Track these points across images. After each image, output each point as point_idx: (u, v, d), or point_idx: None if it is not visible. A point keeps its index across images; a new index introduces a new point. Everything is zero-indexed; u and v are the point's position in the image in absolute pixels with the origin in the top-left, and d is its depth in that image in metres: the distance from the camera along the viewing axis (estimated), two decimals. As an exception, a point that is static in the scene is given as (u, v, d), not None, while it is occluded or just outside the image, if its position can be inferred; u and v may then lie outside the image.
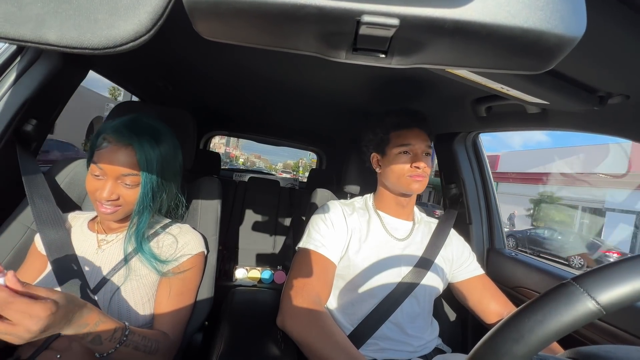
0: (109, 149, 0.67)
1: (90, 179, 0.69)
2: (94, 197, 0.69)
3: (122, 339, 0.58)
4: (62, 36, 0.28)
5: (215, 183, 0.98)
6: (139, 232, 0.73)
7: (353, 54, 0.31)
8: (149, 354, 0.63)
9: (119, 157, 0.67)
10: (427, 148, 0.89)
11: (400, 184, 0.88)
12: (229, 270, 1.84)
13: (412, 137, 0.88)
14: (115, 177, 0.68)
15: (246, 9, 0.25)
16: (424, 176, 0.86)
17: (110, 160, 0.67)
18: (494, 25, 0.25)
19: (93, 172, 0.68)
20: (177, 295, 0.74)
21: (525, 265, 1.06)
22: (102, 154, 0.67)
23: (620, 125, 0.72)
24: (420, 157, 0.86)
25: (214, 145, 35.79)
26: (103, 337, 0.56)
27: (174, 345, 0.71)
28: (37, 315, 0.43)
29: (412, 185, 0.86)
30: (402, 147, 0.88)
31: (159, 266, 0.73)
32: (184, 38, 0.87)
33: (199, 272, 0.81)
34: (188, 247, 0.78)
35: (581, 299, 0.27)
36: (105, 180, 0.68)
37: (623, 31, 0.44)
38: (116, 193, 0.68)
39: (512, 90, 0.66)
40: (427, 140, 0.89)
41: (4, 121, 0.76)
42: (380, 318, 0.83)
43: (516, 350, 0.27)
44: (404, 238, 0.92)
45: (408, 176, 0.86)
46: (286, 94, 1.34)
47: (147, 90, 1.56)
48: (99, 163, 0.67)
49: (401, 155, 0.88)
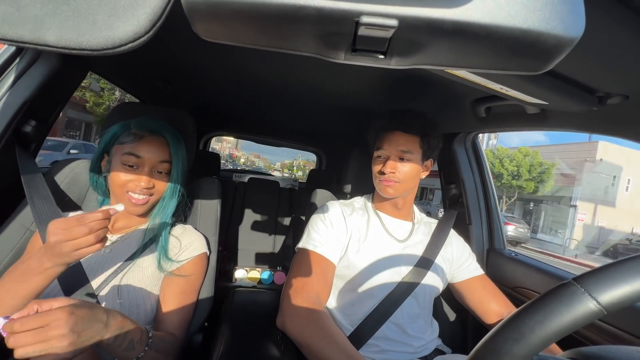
0: (145, 140, 0.74)
1: (122, 171, 0.72)
2: (125, 189, 0.72)
3: (148, 342, 0.59)
4: (60, 37, 0.28)
5: (214, 184, 0.98)
6: (167, 217, 0.77)
7: (352, 55, 0.31)
8: (165, 355, 0.64)
9: (156, 147, 0.74)
10: (400, 152, 0.86)
11: (376, 187, 0.90)
12: (229, 271, 1.84)
13: (386, 142, 0.88)
14: (151, 166, 0.74)
15: (245, 10, 0.25)
16: (394, 181, 0.85)
17: (148, 149, 0.73)
18: (493, 26, 0.25)
19: (127, 163, 0.72)
20: (181, 295, 0.75)
21: (525, 266, 1.06)
22: (139, 145, 0.73)
23: (619, 126, 0.72)
24: (390, 163, 0.85)
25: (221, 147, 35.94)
26: (135, 341, 0.56)
27: (179, 345, 0.72)
28: (55, 319, 0.44)
29: (382, 190, 0.87)
30: (377, 152, 0.90)
31: (165, 263, 0.74)
32: (183, 39, 0.87)
33: (202, 272, 0.81)
34: (192, 247, 0.79)
35: (582, 299, 0.26)
36: (140, 169, 0.73)
37: (622, 31, 0.44)
38: (152, 181, 0.74)
39: (512, 90, 0.66)
40: (405, 144, 0.86)
41: (3, 122, 0.76)
42: (380, 318, 0.82)
43: (517, 350, 0.27)
44: (404, 239, 0.92)
45: (379, 180, 0.88)
46: (286, 95, 1.34)
47: (146, 90, 1.56)
48: (138, 153, 0.72)
49: (376, 159, 0.90)
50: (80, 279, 0.68)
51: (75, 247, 0.52)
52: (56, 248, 0.53)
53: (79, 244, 0.52)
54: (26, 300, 0.57)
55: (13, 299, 0.57)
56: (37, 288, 0.57)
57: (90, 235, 0.53)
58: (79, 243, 0.52)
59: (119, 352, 0.54)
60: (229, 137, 2.83)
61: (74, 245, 0.52)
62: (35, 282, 0.56)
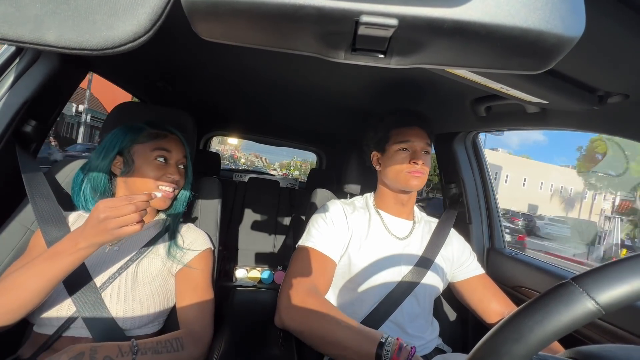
0: (169, 137, 0.81)
1: (154, 166, 0.77)
2: (157, 183, 0.77)
3: (134, 349, 0.59)
4: (60, 37, 0.28)
5: (215, 183, 0.98)
6: (181, 208, 0.85)
7: (352, 54, 0.31)
8: (175, 351, 0.64)
9: (178, 143, 0.82)
10: (426, 146, 0.90)
11: (399, 180, 0.89)
12: (229, 270, 1.84)
13: (412, 135, 0.89)
14: (177, 160, 0.81)
15: (245, 9, 0.25)
16: (422, 173, 0.87)
17: (174, 145, 0.81)
18: (493, 25, 0.25)
19: (159, 157, 0.78)
20: (197, 288, 0.76)
21: (526, 265, 1.06)
22: (166, 141, 0.80)
23: (619, 125, 0.72)
24: (419, 155, 0.88)
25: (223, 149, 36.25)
26: (113, 356, 0.57)
27: (202, 339, 0.71)
28: None
29: (411, 182, 0.87)
30: (402, 144, 0.89)
31: (175, 251, 0.77)
32: (183, 39, 0.87)
33: (210, 267, 0.83)
34: (196, 243, 0.81)
35: (580, 299, 0.26)
36: (169, 164, 0.80)
37: (622, 30, 0.44)
38: (179, 174, 0.80)
39: (512, 89, 0.66)
40: (426, 138, 0.90)
41: (4, 122, 0.76)
42: (380, 317, 0.82)
43: (516, 350, 0.27)
44: (404, 237, 0.92)
45: (407, 172, 0.87)
46: (286, 94, 1.34)
47: (146, 90, 1.56)
48: (169, 147, 0.79)
49: (400, 152, 0.89)
50: (86, 278, 0.68)
51: (121, 223, 0.56)
52: (102, 225, 0.56)
53: (125, 221, 0.56)
54: (52, 283, 0.58)
55: (38, 281, 0.57)
56: (65, 269, 0.58)
57: (136, 214, 0.57)
58: (125, 220, 0.56)
59: None
60: (232, 141, 2.83)
61: (121, 222, 0.56)
62: (66, 263, 0.58)
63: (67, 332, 0.65)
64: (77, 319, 0.65)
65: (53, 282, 0.58)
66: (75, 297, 0.65)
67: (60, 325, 0.64)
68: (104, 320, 0.65)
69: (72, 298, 0.65)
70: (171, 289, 0.77)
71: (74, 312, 0.65)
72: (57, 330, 0.64)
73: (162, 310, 0.74)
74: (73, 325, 0.65)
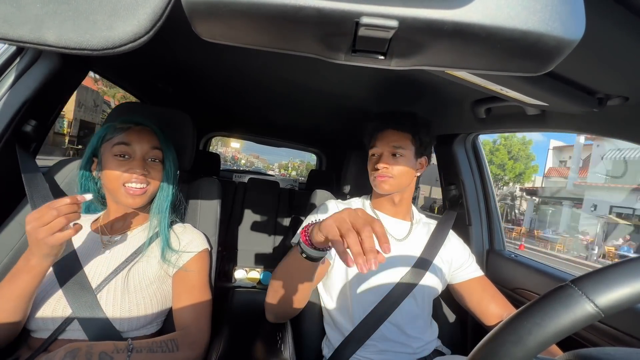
0: (132, 130, 0.74)
1: (115, 163, 0.72)
2: (121, 180, 0.72)
3: (129, 347, 0.60)
4: (61, 37, 0.28)
5: (214, 184, 0.98)
6: (166, 209, 0.79)
7: (352, 56, 0.31)
8: (170, 352, 0.65)
9: (144, 134, 0.75)
10: (392, 148, 0.89)
11: (372, 184, 0.93)
12: (229, 271, 1.84)
13: (379, 140, 0.92)
14: (142, 153, 0.74)
15: (245, 10, 0.25)
16: (388, 176, 0.88)
17: (138, 137, 0.74)
18: (493, 27, 0.25)
19: (118, 154, 0.72)
20: (193, 289, 0.76)
21: (525, 267, 1.06)
22: (127, 134, 0.73)
23: (619, 127, 0.72)
24: (384, 159, 0.89)
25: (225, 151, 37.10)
26: (108, 352, 0.58)
27: (199, 339, 0.71)
28: None
29: (378, 185, 0.90)
30: (371, 150, 0.93)
31: (169, 255, 0.75)
32: (183, 39, 0.87)
33: (207, 268, 0.82)
34: (193, 244, 0.80)
35: (579, 302, 0.26)
36: (133, 159, 0.73)
37: (622, 33, 0.44)
38: (146, 168, 0.74)
39: (512, 91, 0.66)
40: (396, 140, 0.90)
41: (4, 122, 0.76)
42: (379, 318, 0.82)
43: (515, 352, 0.27)
44: (402, 238, 0.92)
45: (374, 177, 0.91)
46: (286, 95, 1.34)
47: (146, 91, 1.56)
48: (127, 141, 0.73)
49: (371, 158, 0.94)
50: (81, 279, 0.68)
51: (49, 231, 0.55)
52: (32, 236, 0.56)
53: (52, 228, 0.55)
54: (17, 302, 0.59)
55: (6, 302, 0.59)
56: (26, 288, 0.59)
57: (61, 217, 0.55)
58: (52, 227, 0.55)
59: None
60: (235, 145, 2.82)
61: (48, 230, 0.55)
62: (24, 282, 0.59)
63: (63, 334, 0.64)
64: (73, 321, 0.65)
65: (19, 300, 0.59)
66: (70, 298, 0.65)
67: (56, 328, 0.64)
68: (100, 321, 0.65)
69: (67, 300, 0.65)
70: (169, 291, 0.76)
71: (70, 314, 0.65)
72: (53, 333, 0.64)
73: (159, 312, 0.73)
74: (69, 327, 0.65)
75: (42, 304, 0.65)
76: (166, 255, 0.75)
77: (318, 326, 0.92)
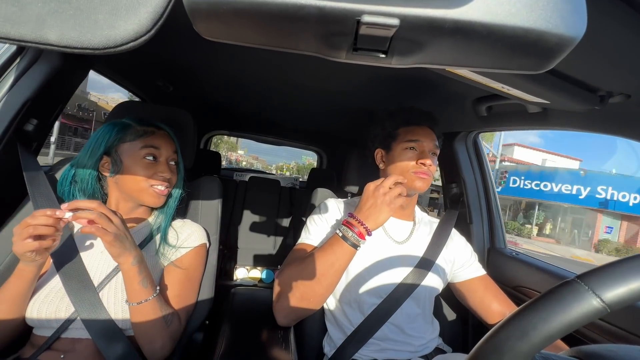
0: (157, 134, 0.78)
1: (143, 165, 0.75)
2: (149, 182, 0.75)
3: (156, 290, 0.67)
4: (62, 36, 0.28)
5: (215, 182, 0.98)
6: (174, 208, 0.83)
7: (353, 54, 0.31)
8: (165, 322, 0.67)
9: (168, 139, 0.80)
10: (434, 147, 0.87)
11: (409, 179, 0.84)
12: (230, 269, 1.84)
13: (421, 134, 0.86)
14: (167, 157, 0.79)
15: (246, 9, 0.25)
16: (428, 174, 0.84)
17: (163, 142, 0.78)
18: (494, 25, 0.25)
19: (148, 156, 0.75)
20: (179, 284, 0.76)
21: (527, 265, 1.06)
22: (154, 138, 0.77)
23: (621, 125, 0.72)
24: (427, 155, 0.84)
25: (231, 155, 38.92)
26: (148, 281, 0.65)
27: (179, 330, 0.73)
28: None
29: (416, 183, 0.83)
30: (410, 143, 0.86)
31: (165, 250, 0.77)
32: (184, 38, 0.87)
33: (202, 263, 0.83)
34: (191, 238, 0.81)
35: (586, 297, 0.26)
36: (159, 162, 0.77)
37: (623, 30, 0.44)
38: (170, 171, 0.79)
39: (513, 89, 0.66)
40: (435, 140, 0.88)
41: (5, 121, 0.76)
42: (380, 319, 0.82)
43: (519, 347, 0.27)
44: (402, 241, 0.91)
45: (412, 172, 0.83)
46: (287, 94, 1.34)
47: (147, 90, 1.56)
48: (157, 144, 0.77)
49: (407, 151, 0.86)
50: (83, 278, 0.68)
51: (17, 236, 0.57)
52: (15, 248, 0.58)
53: (20, 234, 0.57)
54: (9, 304, 0.62)
55: (3, 305, 0.62)
56: (16, 291, 0.62)
57: (29, 227, 0.56)
58: (20, 233, 0.57)
59: (135, 285, 0.63)
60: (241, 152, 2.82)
61: (16, 235, 0.57)
62: (14, 285, 0.62)
63: (65, 333, 0.65)
64: (75, 320, 0.65)
65: (11, 302, 0.63)
66: (73, 297, 0.65)
67: (59, 326, 0.65)
68: (102, 320, 0.65)
69: (70, 298, 0.65)
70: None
71: (73, 313, 0.65)
72: (56, 332, 0.64)
73: None
74: (71, 326, 0.65)
75: (45, 302, 0.65)
76: (162, 249, 0.76)
77: (320, 324, 0.92)
